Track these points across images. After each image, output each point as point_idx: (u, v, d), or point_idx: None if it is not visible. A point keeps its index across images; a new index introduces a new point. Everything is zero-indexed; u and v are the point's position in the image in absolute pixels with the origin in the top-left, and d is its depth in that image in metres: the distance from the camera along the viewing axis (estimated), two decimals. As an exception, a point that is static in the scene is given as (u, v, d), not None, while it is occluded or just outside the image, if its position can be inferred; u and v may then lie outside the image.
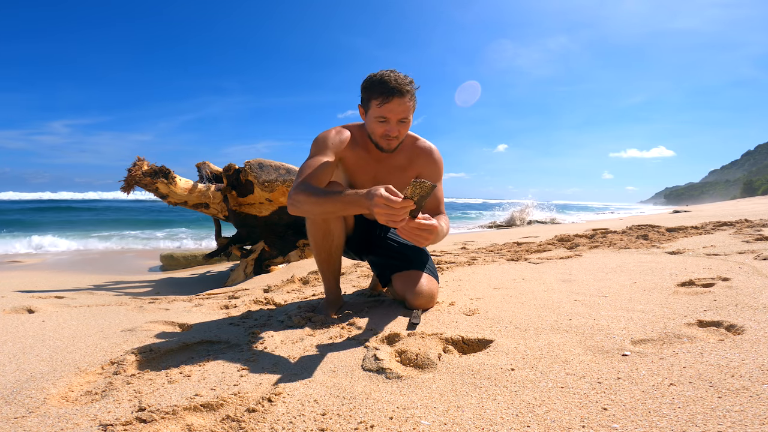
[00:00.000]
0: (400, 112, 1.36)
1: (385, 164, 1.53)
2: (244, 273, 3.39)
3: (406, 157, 1.53)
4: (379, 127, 1.40)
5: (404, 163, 1.53)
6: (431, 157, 1.55)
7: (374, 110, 1.38)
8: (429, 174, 1.54)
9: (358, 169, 1.53)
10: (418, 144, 1.55)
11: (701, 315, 1.27)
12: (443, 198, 1.57)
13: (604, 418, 0.77)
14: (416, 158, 1.53)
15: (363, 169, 1.53)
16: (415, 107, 1.41)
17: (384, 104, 1.35)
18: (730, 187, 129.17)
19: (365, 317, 1.47)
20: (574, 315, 1.36)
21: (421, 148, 1.55)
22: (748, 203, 17.35)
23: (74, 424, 0.83)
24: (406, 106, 1.36)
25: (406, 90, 1.34)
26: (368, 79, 1.39)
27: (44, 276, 3.68)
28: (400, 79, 1.34)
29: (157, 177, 3.36)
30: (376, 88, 1.35)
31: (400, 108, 1.35)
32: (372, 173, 1.53)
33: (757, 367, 0.90)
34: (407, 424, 0.80)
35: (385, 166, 1.53)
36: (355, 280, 2.22)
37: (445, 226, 1.42)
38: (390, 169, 1.53)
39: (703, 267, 1.98)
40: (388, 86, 1.33)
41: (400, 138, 1.42)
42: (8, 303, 1.98)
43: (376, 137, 1.43)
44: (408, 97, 1.35)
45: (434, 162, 1.55)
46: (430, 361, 1.05)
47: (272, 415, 0.84)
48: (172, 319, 1.62)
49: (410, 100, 1.36)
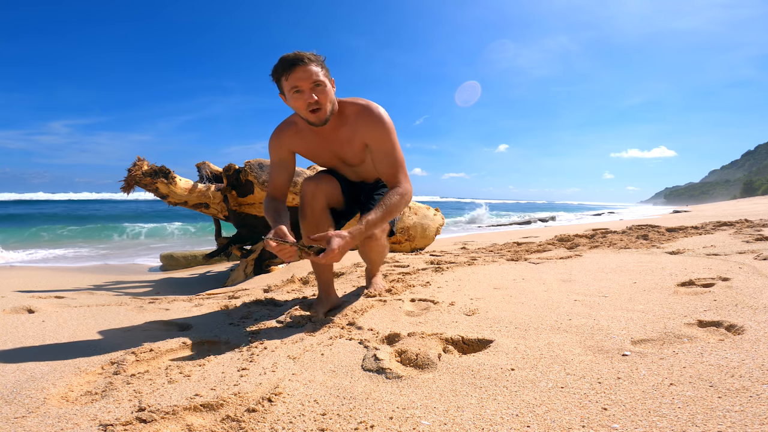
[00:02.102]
0: (308, 77, 1.35)
1: (335, 139, 1.53)
2: (244, 273, 3.39)
3: (351, 127, 1.50)
4: (298, 101, 1.39)
5: (351, 133, 1.51)
6: (371, 117, 1.48)
7: (287, 88, 1.39)
8: (376, 137, 1.48)
9: (313, 152, 1.59)
10: (357, 110, 1.50)
11: (701, 315, 1.27)
12: (401, 160, 1.50)
13: (604, 418, 0.77)
14: (359, 125, 1.49)
15: (318, 152, 1.58)
16: (327, 75, 1.41)
17: (290, 76, 1.36)
18: (731, 187, 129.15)
19: (365, 317, 1.47)
20: (574, 315, 1.36)
21: (360, 112, 1.49)
22: (748, 203, 17.35)
23: (74, 424, 0.83)
24: (312, 71, 1.36)
25: (306, 58, 1.35)
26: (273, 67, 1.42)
27: (44, 276, 3.68)
28: (298, 52, 1.37)
29: (157, 177, 3.36)
30: (279, 67, 1.38)
31: (306, 74, 1.35)
32: (328, 151, 1.57)
33: (757, 367, 0.90)
34: (407, 424, 0.80)
35: (336, 141, 1.53)
36: (356, 280, 2.22)
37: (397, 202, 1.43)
38: (341, 143, 1.53)
39: (703, 267, 1.98)
40: (287, 60, 1.36)
41: (323, 104, 1.39)
42: (8, 303, 1.98)
43: (303, 114, 1.42)
44: (310, 64, 1.36)
45: (376, 121, 1.48)
46: (430, 361, 1.05)
47: (272, 415, 0.84)
48: (172, 319, 1.62)
49: (316, 66, 1.37)
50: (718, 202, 32.69)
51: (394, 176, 1.48)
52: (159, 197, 3.50)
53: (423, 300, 1.66)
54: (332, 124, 1.48)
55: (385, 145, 1.48)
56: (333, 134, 1.52)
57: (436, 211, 4.33)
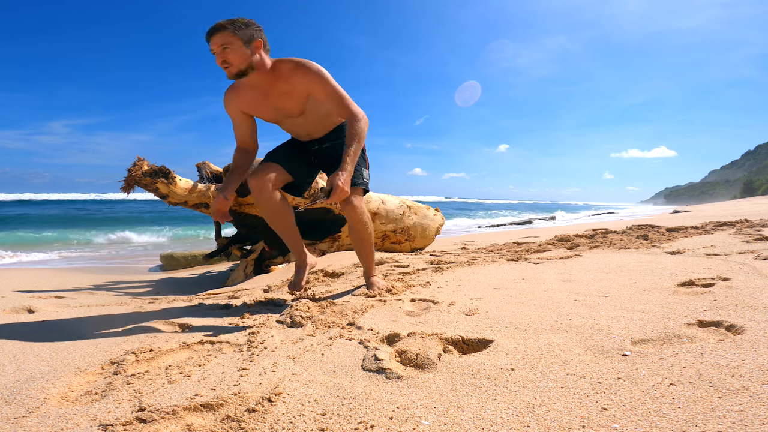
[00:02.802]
0: (217, 42, 1.54)
1: (273, 93, 1.70)
2: (244, 273, 3.38)
3: (286, 81, 1.68)
4: (216, 62, 1.58)
5: (288, 87, 1.69)
6: (307, 70, 1.64)
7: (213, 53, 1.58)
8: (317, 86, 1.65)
9: (256, 108, 1.76)
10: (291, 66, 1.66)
11: (701, 315, 1.27)
12: (344, 94, 1.67)
13: (604, 418, 0.77)
14: (296, 79, 1.66)
15: (259, 107, 1.75)
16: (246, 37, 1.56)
17: (209, 44, 1.56)
18: (731, 187, 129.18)
19: (365, 317, 1.47)
20: (574, 315, 1.36)
21: (293, 68, 1.65)
22: (748, 203, 17.35)
23: (74, 424, 0.83)
24: (222, 36, 1.54)
25: (220, 25, 1.54)
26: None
27: (44, 276, 3.68)
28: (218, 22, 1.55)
29: (157, 177, 3.36)
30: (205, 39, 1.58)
31: (216, 39, 1.54)
32: (268, 106, 1.74)
33: (757, 367, 0.90)
34: (407, 424, 0.80)
35: (274, 94, 1.70)
36: (356, 280, 2.22)
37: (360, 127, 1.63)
38: (279, 96, 1.70)
39: (703, 267, 1.98)
40: (207, 30, 1.57)
41: (231, 62, 1.56)
42: (8, 303, 1.99)
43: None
44: (223, 30, 1.53)
45: (313, 73, 1.64)
46: (430, 361, 1.05)
47: (272, 415, 0.84)
48: (172, 319, 1.62)
49: (229, 30, 1.53)
50: (718, 202, 32.71)
51: (346, 109, 1.67)
52: (159, 197, 3.50)
53: (423, 300, 1.66)
54: (268, 80, 1.66)
55: (326, 89, 1.65)
56: (270, 89, 1.69)
57: (436, 211, 4.33)
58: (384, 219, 3.78)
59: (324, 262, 2.99)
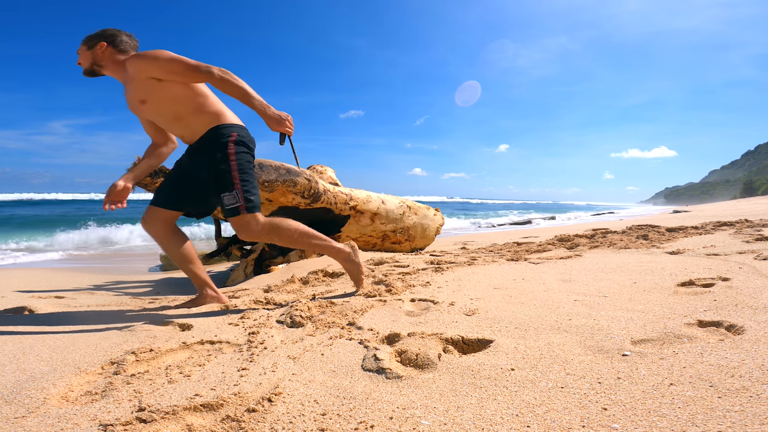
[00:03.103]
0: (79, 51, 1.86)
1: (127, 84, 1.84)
2: (244, 273, 3.38)
3: (127, 72, 1.82)
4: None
5: (129, 76, 1.81)
6: (138, 58, 1.75)
7: None
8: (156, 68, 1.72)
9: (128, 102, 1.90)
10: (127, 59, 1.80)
11: (701, 315, 1.27)
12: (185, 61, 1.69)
13: (604, 418, 0.77)
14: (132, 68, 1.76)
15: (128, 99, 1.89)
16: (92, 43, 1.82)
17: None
18: (731, 187, 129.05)
19: (365, 317, 1.47)
20: (574, 315, 1.36)
21: (129, 60, 1.78)
22: (748, 203, 17.34)
23: (74, 424, 0.83)
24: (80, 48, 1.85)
25: (82, 42, 1.85)
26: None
27: (44, 276, 3.68)
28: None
29: (157, 177, 3.36)
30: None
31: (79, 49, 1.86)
32: (128, 96, 1.88)
33: (757, 367, 0.90)
34: (407, 424, 0.80)
35: (126, 85, 1.85)
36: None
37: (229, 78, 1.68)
38: (128, 84, 1.84)
39: (703, 267, 1.98)
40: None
41: (80, 63, 1.86)
42: (8, 303, 1.99)
43: None
44: (81, 45, 1.85)
45: (145, 58, 1.74)
46: (430, 361, 1.05)
47: (272, 415, 0.84)
48: (172, 319, 1.62)
49: (83, 44, 1.84)
50: (718, 202, 32.69)
51: (196, 70, 1.68)
52: (159, 197, 3.50)
53: (423, 300, 1.66)
54: (120, 75, 1.85)
55: (161, 65, 1.71)
56: (126, 81, 1.84)
57: (436, 211, 4.33)
58: (384, 219, 3.78)
59: (324, 262, 2.99)
